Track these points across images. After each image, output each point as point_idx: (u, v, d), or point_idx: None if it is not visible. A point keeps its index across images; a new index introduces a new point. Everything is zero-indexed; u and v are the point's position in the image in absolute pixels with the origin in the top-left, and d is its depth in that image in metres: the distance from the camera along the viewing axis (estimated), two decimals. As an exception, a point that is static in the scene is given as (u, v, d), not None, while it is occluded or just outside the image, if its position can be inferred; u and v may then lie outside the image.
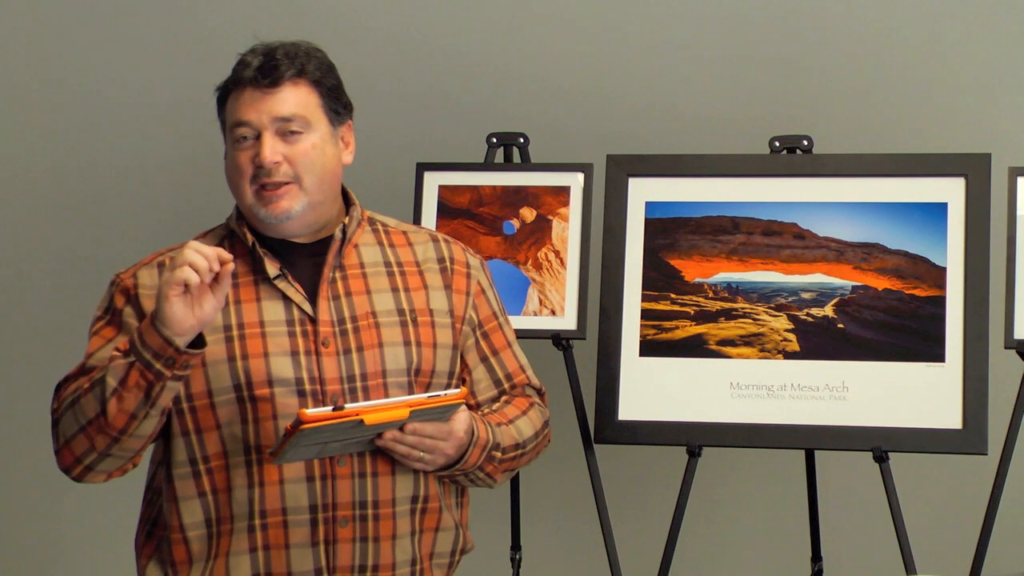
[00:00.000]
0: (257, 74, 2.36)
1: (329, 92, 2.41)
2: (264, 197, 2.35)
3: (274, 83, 2.35)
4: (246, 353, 2.33)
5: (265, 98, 2.35)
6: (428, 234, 2.54)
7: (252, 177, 2.36)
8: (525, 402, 2.52)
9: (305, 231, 2.41)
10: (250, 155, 2.35)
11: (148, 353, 2.22)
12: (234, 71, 2.40)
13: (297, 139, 2.36)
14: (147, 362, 2.22)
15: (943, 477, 3.51)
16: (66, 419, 2.32)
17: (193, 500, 2.35)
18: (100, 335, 2.39)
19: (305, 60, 2.39)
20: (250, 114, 2.35)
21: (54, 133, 3.87)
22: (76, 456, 2.33)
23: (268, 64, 2.36)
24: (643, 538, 3.45)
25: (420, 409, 2.24)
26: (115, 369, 2.24)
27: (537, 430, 2.51)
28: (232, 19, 3.76)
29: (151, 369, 2.22)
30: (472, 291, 2.50)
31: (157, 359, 2.22)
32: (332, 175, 2.41)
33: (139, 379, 2.23)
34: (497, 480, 2.46)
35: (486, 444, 2.38)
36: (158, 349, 2.21)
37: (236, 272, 2.39)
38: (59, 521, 3.86)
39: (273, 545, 2.33)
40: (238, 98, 2.37)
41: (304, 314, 2.37)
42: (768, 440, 3.06)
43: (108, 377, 2.24)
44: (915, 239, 3.07)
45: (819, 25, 3.62)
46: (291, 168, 2.35)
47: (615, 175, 3.21)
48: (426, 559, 2.42)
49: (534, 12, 3.73)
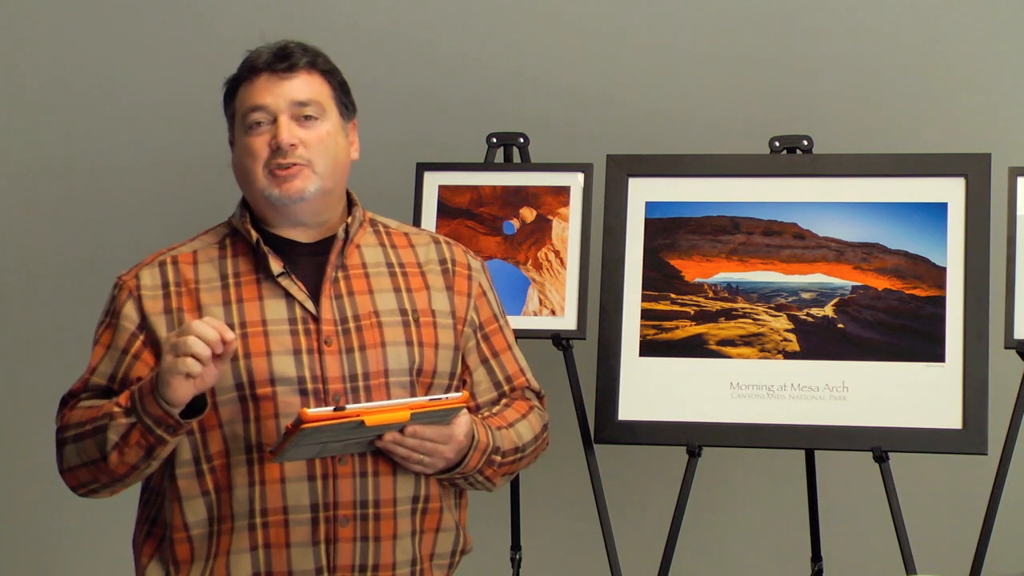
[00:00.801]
0: (273, 60, 2.39)
1: (340, 86, 2.45)
2: (278, 177, 2.36)
3: (290, 68, 2.39)
4: (248, 352, 2.34)
5: (282, 83, 2.38)
6: (429, 236, 2.54)
7: (265, 161, 2.36)
8: (525, 405, 2.52)
9: (311, 219, 2.41)
10: (265, 139, 2.37)
11: (149, 419, 2.24)
12: (244, 63, 2.42)
13: (312, 124, 2.38)
14: (148, 427, 2.25)
15: (943, 477, 3.51)
16: (70, 450, 2.35)
17: (196, 499, 2.35)
18: (101, 344, 2.41)
19: (316, 54, 2.43)
20: (266, 98, 2.37)
21: (54, 132, 3.87)
22: (81, 482, 2.38)
23: (283, 52, 2.40)
24: (643, 538, 3.44)
25: (421, 412, 2.24)
26: (117, 426, 2.26)
27: (536, 434, 2.51)
28: (233, 19, 3.75)
29: (152, 433, 2.25)
30: (473, 293, 2.50)
31: (158, 425, 2.24)
32: (343, 165, 2.43)
33: (140, 439, 2.26)
34: (496, 484, 2.46)
35: (486, 448, 2.38)
36: (159, 418, 2.23)
37: (239, 271, 2.40)
38: (57, 521, 3.86)
39: (274, 544, 2.33)
40: (252, 84, 2.39)
41: (307, 313, 2.37)
42: (768, 440, 3.06)
43: (109, 432, 2.26)
44: (915, 239, 3.07)
45: (819, 25, 3.62)
46: (306, 152, 2.36)
47: (615, 175, 3.21)
48: (426, 559, 2.42)
49: (534, 12, 3.73)
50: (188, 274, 2.40)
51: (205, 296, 2.38)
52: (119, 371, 2.38)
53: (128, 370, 2.37)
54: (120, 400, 2.27)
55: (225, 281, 2.40)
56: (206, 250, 2.44)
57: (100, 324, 2.43)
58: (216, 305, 2.37)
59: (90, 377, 2.39)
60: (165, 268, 2.41)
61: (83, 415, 2.33)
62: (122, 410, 2.26)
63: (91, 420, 2.31)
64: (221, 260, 2.42)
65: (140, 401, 2.24)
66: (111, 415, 2.27)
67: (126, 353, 2.38)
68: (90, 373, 2.40)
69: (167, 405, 2.21)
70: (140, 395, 2.24)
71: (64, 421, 2.37)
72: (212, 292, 2.38)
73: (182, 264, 2.42)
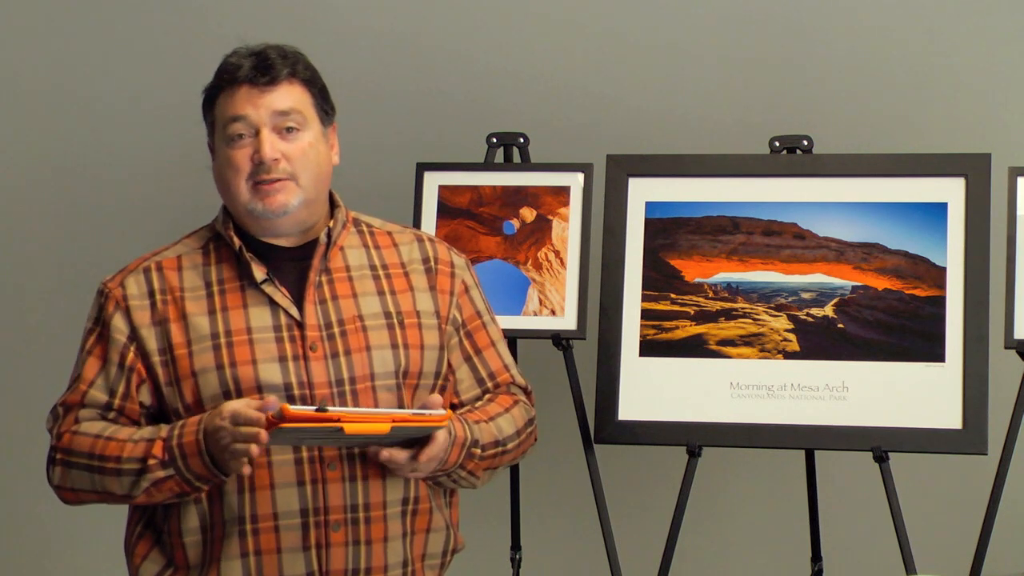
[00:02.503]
0: (254, 72, 2.36)
1: (320, 92, 2.43)
2: (261, 191, 2.35)
3: (272, 81, 2.36)
4: (234, 360, 2.34)
5: (263, 95, 2.36)
6: (413, 234, 2.53)
7: (248, 175, 2.35)
8: (508, 400, 2.51)
9: (295, 230, 2.41)
10: (247, 152, 2.35)
11: (191, 475, 2.27)
12: (224, 71, 2.39)
13: (295, 136, 2.37)
14: (188, 480, 2.28)
15: (943, 477, 3.51)
16: (79, 475, 2.35)
17: (189, 506, 2.35)
18: (94, 355, 2.40)
19: (295, 61, 2.40)
20: (247, 109, 2.35)
21: (48, 135, 3.87)
22: (81, 500, 2.40)
23: (263, 63, 2.37)
24: (643, 538, 3.44)
25: (402, 427, 2.23)
26: (152, 477, 2.28)
27: (519, 428, 2.49)
28: (231, 20, 3.75)
29: (191, 484, 2.28)
30: (456, 291, 2.50)
31: (200, 480, 2.27)
32: (325, 174, 2.42)
33: (174, 487, 2.29)
34: (479, 478, 2.44)
35: (464, 442, 2.36)
36: (204, 477, 2.27)
37: (223, 278, 2.40)
38: (48, 523, 3.85)
39: (265, 550, 2.33)
40: (232, 95, 2.37)
41: (291, 319, 2.37)
42: (768, 440, 3.06)
43: (142, 480, 2.28)
44: (915, 239, 3.07)
45: (819, 25, 3.62)
46: (289, 165, 2.35)
47: (615, 175, 3.20)
48: (418, 560, 2.42)
49: (534, 12, 3.73)
50: (173, 281, 2.40)
51: (190, 305, 2.38)
52: (118, 387, 2.38)
53: (128, 385, 2.38)
54: (155, 451, 2.28)
55: (209, 289, 2.39)
56: (190, 255, 2.43)
57: (88, 332, 2.42)
58: (201, 315, 2.37)
59: (87, 389, 2.39)
60: (150, 275, 2.41)
61: (95, 446, 2.33)
62: (159, 462, 2.28)
63: (112, 459, 2.31)
64: (205, 267, 2.41)
65: (183, 460, 2.26)
66: (144, 463, 2.28)
67: (122, 367, 2.37)
68: (87, 385, 2.39)
69: (219, 473, 2.25)
70: (181, 452, 2.26)
71: (66, 444, 2.36)
72: (197, 301, 2.38)
73: (167, 270, 2.41)
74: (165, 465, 2.27)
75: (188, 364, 2.35)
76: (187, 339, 2.36)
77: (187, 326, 2.36)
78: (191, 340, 2.35)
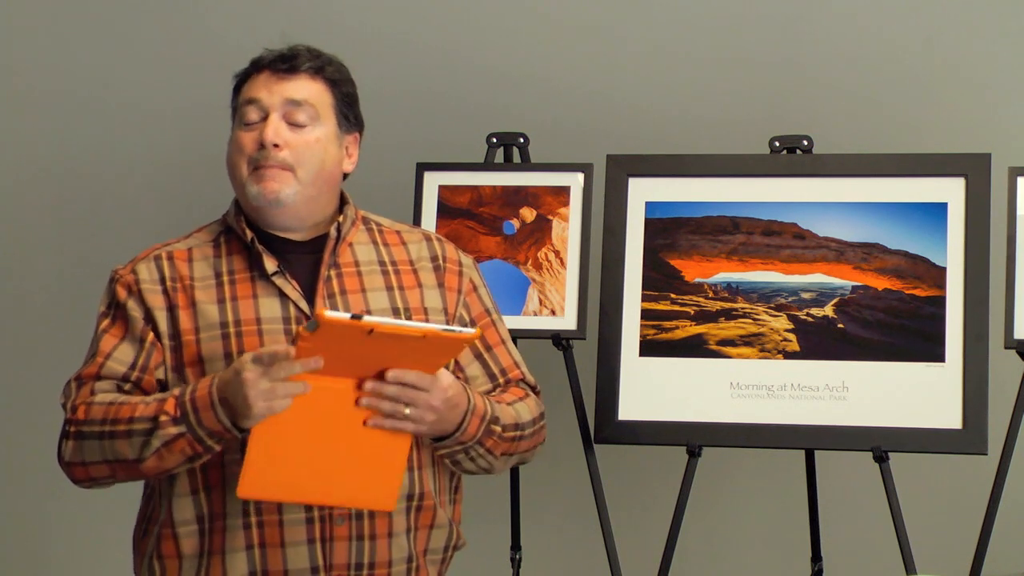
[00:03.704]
0: (277, 59, 2.40)
1: (344, 97, 2.45)
2: (257, 174, 2.37)
3: (292, 70, 2.40)
4: (243, 349, 2.33)
5: (280, 81, 2.39)
6: (422, 233, 2.55)
7: (251, 157, 2.37)
8: (521, 391, 2.51)
9: (298, 225, 2.41)
10: (254, 136, 2.38)
11: (203, 431, 2.23)
12: (253, 60, 2.44)
13: (303, 130, 2.38)
14: (200, 438, 2.24)
15: (943, 477, 3.51)
16: (90, 445, 2.32)
17: (186, 497, 2.35)
18: (110, 333, 2.39)
19: (327, 62, 2.44)
20: (261, 92, 2.39)
21: (49, 135, 3.87)
22: (92, 477, 2.36)
23: (290, 53, 2.41)
24: (643, 538, 3.44)
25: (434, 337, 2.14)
26: (163, 434, 2.25)
27: (535, 417, 2.48)
28: (233, 21, 3.76)
29: (202, 444, 2.25)
30: (464, 289, 2.50)
31: (212, 438, 2.24)
32: (330, 175, 2.42)
33: (186, 447, 2.25)
34: (497, 458, 2.41)
35: (484, 414, 2.35)
36: (217, 432, 2.23)
37: (233, 268, 2.40)
38: (55, 516, 3.86)
39: (269, 543, 2.33)
40: (254, 80, 2.41)
41: (300, 312, 2.37)
42: (768, 440, 3.06)
43: (153, 438, 2.25)
44: (915, 239, 3.07)
45: (819, 25, 3.62)
46: (290, 155, 2.37)
47: (615, 175, 3.21)
48: (421, 555, 2.42)
49: (534, 12, 3.73)
50: (183, 270, 2.41)
51: (200, 293, 2.38)
52: (138, 359, 2.37)
53: (148, 358, 2.36)
54: (167, 408, 2.25)
55: (220, 279, 2.40)
56: (201, 247, 2.44)
57: (102, 315, 2.42)
58: (210, 303, 2.37)
59: (104, 361, 2.37)
60: (161, 263, 2.41)
61: (109, 412, 2.31)
62: (170, 419, 2.25)
63: (124, 420, 2.29)
64: (216, 258, 2.42)
65: (195, 414, 2.23)
66: (156, 421, 2.25)
67: (142, 341, 2.37)
68: (104, 357, 2.37)
69: (232, 427, 2.21)
70: (194, 407, 2.23)
71: (82, 415, 2.33)
72: (207, 290, 2.39)
73: (177, 260, 2.42)
74: (177, 422, 2.24)
75: (196, 351, 2.35)
76: (195, 326, 2.36)
77: (196, 313, 2.36)
78: (199, 327, 2.36)
